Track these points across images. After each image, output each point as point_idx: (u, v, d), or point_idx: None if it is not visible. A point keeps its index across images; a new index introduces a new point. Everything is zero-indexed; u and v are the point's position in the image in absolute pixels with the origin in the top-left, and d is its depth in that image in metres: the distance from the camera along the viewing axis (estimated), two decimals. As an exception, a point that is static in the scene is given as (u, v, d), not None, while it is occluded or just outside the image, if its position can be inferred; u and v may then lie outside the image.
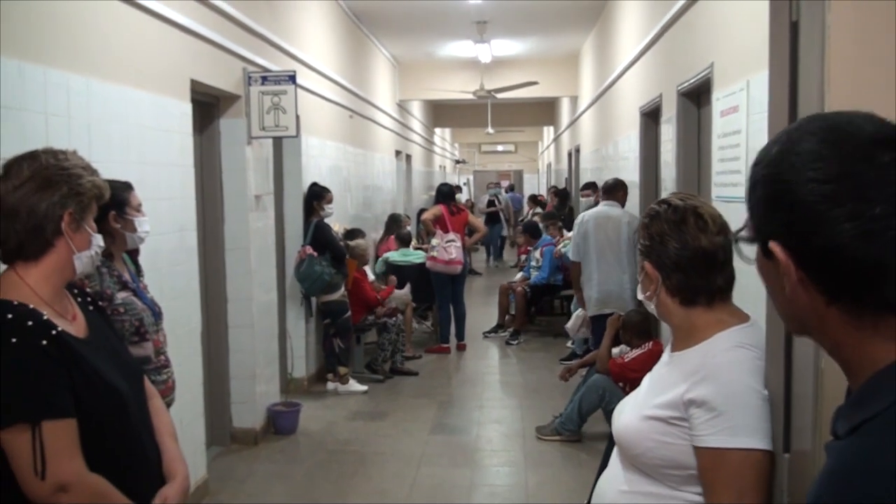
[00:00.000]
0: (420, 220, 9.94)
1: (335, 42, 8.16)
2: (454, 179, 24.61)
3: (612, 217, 5.97)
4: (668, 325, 1.75)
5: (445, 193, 8.25)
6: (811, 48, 1.43)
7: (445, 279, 7.92)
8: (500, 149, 30.04)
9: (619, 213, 6.00)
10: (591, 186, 8.70)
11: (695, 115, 5.02)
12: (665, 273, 1.67)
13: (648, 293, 1.72)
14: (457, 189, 8.67)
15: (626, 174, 6.89)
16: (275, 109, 5.18)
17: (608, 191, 6.18)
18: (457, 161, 26.85)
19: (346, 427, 5.70)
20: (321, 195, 6.53)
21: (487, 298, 11.09)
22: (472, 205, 19.34)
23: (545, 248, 8.74)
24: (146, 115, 3.71)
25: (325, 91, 7.35)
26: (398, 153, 12.84)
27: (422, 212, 10.96)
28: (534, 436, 5.40)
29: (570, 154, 14.23)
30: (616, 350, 5.08)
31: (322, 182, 6.76)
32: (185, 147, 4.22)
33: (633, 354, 4.79)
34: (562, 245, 8.40)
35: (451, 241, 7.80)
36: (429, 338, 8.67)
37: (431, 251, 7.90)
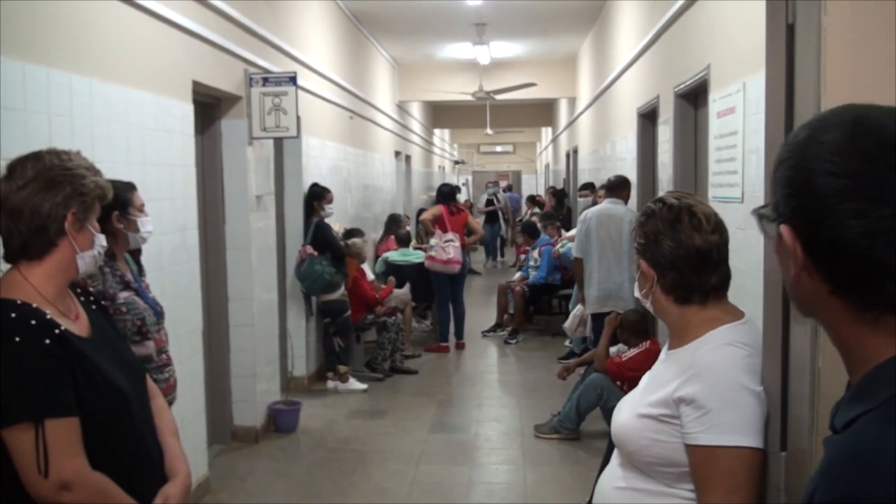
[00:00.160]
0: (419, 220, 9.95)
1: (335, 43, 8.17)
2: (453, 180, 24.58)
3: (615, 215, 5.89)
4: (664, 323, 1.77)
5: (446, 193, 8.26)
6: (807, 50, 1.44)
7: (445, 279, 7.93)
8: (499, 149, 30.03)
9: (622, 211, 5.93)
10: (590, 187, 8.71)
11: (691, 117, 5.03)
12: (660, 271, 1.69)
13: (644, 291, 1.74)
14: (456, 189, 8.67)
15: (624, 175, 6.88)
16: (276, 110, 5.19)
17: (612, 188, 6.10)
18: (456, 162, 26.83)
19: (346, 425, 5.71)
20: (321, 195, 6.55)
21: (486, 298, 11.10)
22: (471, 205, 19.33)
23: (543, 248, 8.74)
24: (148, 116, 3.72)
25: (326, 92, 7.37)
26: (398, 154, 12.85)
27: (421, 212, 10.97)
28: (532, 434, 5.41)
29: (568, 155, 14.23)
30: (614, 349, 5.10)
31: (322, 182, 6.77)
32: (187, 147, 4.23)
33: (631, 353, 4.81)
34: (560, 245, 8.41)
35: (450, 241, 7.81)
36: (428, 337, 8.68)
37: (430, 251, 7.91)
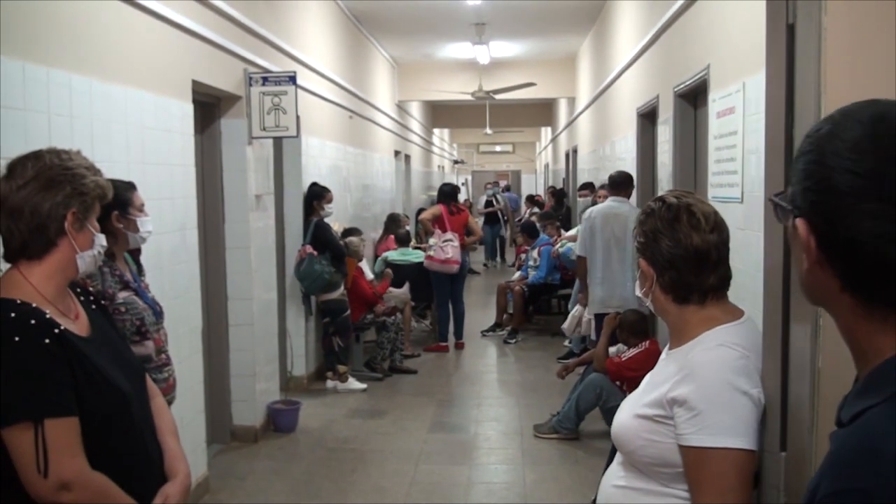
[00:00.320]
0: (418, 220, 9.95)
1: (335, 43, 8.17)
2: (453, 179, 24.59)
3: (620, 214, 5.79)
4: (665, 323, 1.77)
5: (447, 193, 8.26)
6: (807, 50, 1.44)
7: (444, 278, 7.93)
8: (499, 149, 30.04)
9: (627, 210, 5.81)
10: (589, 186, 8.71)
11: (691, 117, 5.03)
12: (658, 270, 1.69)
13: (644, 290, 1.74)
14: (456, 189, 8.67)
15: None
16: (275, 110, 5.19)
17: (615, 186, 5.98)
18: (455, 161, 26.84)
19: (346, 425, 5.71)
20: (321, 195, 6.55)
21: (486, 298, 11.10)
22: (471, 204, 19.34)
23: (543, 248, 8.73)
24: (148, 116, 3.72)
25: (325, 92, 7.36)
26: (397, 153, 12.85)
27: (420, 211, 10.97)
28: (531, 434, 5.41)
29: (568, 154, 14.24)
30: (613, 349, 5.10)
31: (322, 182, 6.77)
32: (187, 147, 4.23)
33: (630, 353, 4.80)
34: (559, 245, 8.41)
35: (449, 241, 7.81)
36: (427, 336, 8.68)
37: (429, 250, 7.91)
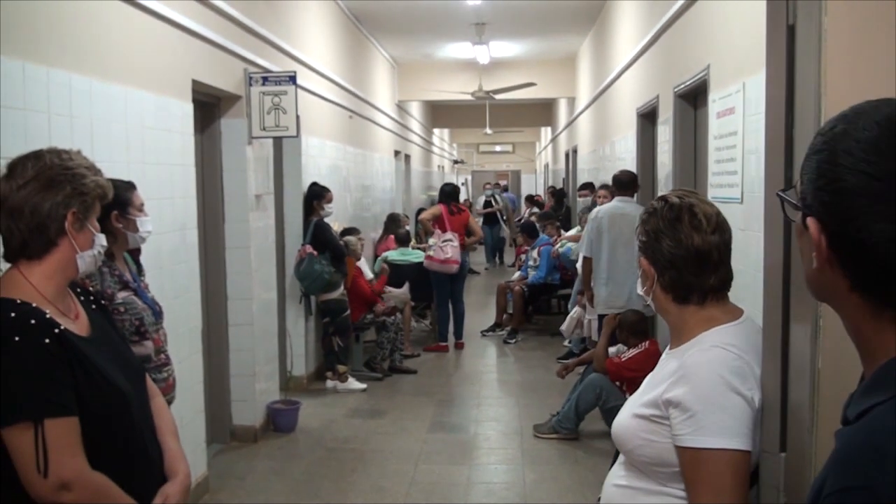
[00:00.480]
0: (418, 220, 9.95)
1: (335, 43, 8.17)
2: (452, 179, 24.59)
3: (628, 214, 5.67)
4: (666, 322, 1.78)
5: (448, 193, 8.25)
6: (808, 50, 1.44)
7: (444, 278, 7.93)
8: (498, 149, 30.04)
9: (634, 211, 5.63)
10: (589, 186, 8.72)
11: (691, 117, 5.03)
12: (659, 270, 1.69)
13: (645, 289, 1.75)
14: (457, 189, 8.67)
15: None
16: (275, 110, 5.19)
17: (621, 186, 5.89)
18: (455, 161, 26.84)
19: (345, 425, 5.71)
20: (321, 195, 6.55)
21: (485, 298, 11.10)
22: (471, 204, 19.34)
23: (542, 248, 8.74)
24: (148, 115, 3.72)
25: (325, 91, 7.36)
26: (397, 153, 12.85)
27: (420, 211, 10.97)
28: (531, 434, 5.41)
29: (568, 155, 14.24)
30: (613, 349, 5.10)
31: (321, 182, 6.77)
32: (187, 147, 4.23)
33: (630, 354, 4.81)
34: (559, 245, 8.41)
35: (448, 241, 7.80)
36: (427, 336, 8.68)
37: (429, 250, 7.91)
